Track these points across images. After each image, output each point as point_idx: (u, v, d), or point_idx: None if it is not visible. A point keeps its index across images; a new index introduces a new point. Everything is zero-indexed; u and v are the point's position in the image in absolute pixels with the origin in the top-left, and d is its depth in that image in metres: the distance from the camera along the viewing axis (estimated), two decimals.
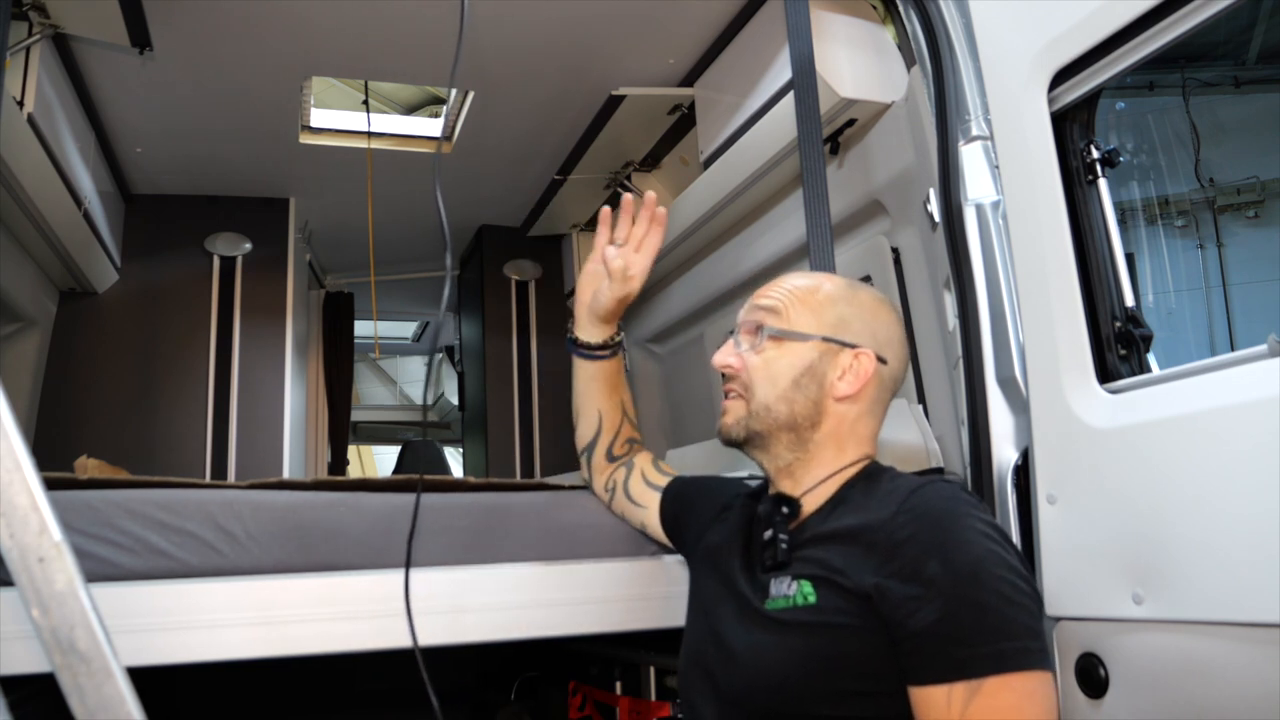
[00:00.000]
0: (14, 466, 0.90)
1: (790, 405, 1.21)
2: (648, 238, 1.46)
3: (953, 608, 0.98)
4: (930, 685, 0.98)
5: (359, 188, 3.33)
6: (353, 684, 2.57)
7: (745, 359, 1.24)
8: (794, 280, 1.29)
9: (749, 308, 1.28)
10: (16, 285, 2.78)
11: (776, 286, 1.28)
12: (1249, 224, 7.80)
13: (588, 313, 1.52)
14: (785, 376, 1.21)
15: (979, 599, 0.98)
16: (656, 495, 1.51)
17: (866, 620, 1.04)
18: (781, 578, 1.14)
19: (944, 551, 1.02)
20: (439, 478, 1.61)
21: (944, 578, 1.00)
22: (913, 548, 1.03)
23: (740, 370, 1.24)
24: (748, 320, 1.26)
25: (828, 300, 1.26)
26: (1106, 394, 1.31)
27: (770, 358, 1.22)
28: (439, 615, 1.42)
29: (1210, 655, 1.12)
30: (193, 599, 1.32)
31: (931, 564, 1.01)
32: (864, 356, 1.24)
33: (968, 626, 0.98)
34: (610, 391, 1.57)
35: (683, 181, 2.95)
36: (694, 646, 1.27)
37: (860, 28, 2.00)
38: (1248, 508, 1.08)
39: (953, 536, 1.03)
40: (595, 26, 2.45)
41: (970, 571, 1.00)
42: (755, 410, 1.22)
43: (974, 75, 1.59)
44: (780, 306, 1.24)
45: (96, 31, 2.29)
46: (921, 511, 1.07)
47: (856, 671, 1.04)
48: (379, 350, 6.27)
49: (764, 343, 1.23)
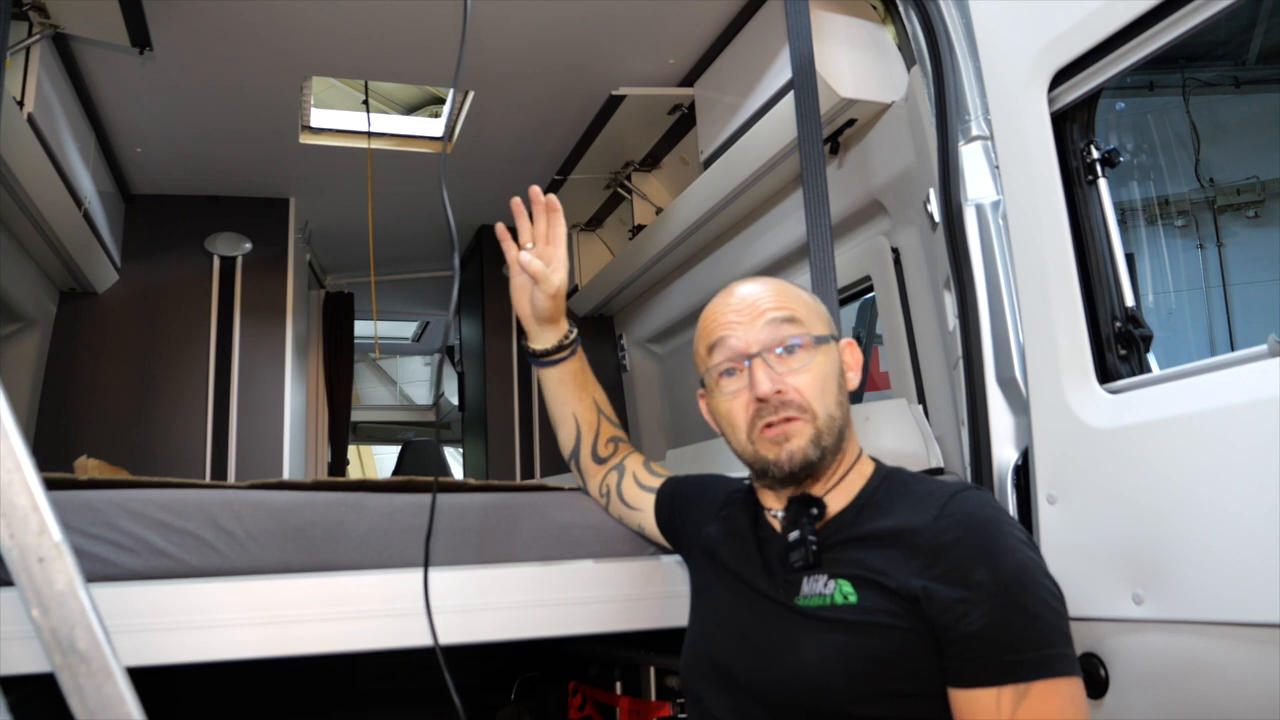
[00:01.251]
0: (14, 466, 0.90)
1: (841, 410, 1.20)
2: (550, 229, 1.47)
3: (1001, 613, 1.00)
4: (979, 688, 0.99)
5: (359, 188, 3.33)
6: (353, 684, 2.57)
7: (788, 380, 1.17)
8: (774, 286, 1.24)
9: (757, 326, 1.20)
10: (16, 285, 2.78)
11: (768, 297, 1.22)
12: (1249, 224, 7.80)
13: (533, 321, 1.52)
14: (831, 383, 1.19)
15: (1026, 605, 1.01)
16: (650, 497, 1.51)
17: (912, 622, 1.05)
18: (816, 576, 1.14)
19: (990, 558, 1.04)
20: (444, 479, 1.61)
21: (992, 583, 1.02)
22: (959, 552, 1.05)
23: (789, 393, 1.16)
24: (768, 339, 1.19)
25: (811, 299, 1.27)
26: (1106, 394, 1.31)
27: (814, 369, 1.18)
28: (441, 615, 1.42)
29: (1210, 655, 1.12)
30: (193, 599, 1.32)
31: (979, 569, 1.03)
32: (851, 345, 1.27)
33: (1017, 632, 1.00)
34: (579, 391, 1.57)
35: (683, 181, 2.95)
36: (703, 641, 1.26)
37: (860, 28, 2.00)
38: (1248, 508, 1.08)
39: (998, 543, 1.05)
40: (595, 26, 2.45)
41: (1017, 578, 1.02)
42: (823, 426, 1.17)
43: (974, 75, 1.59)
44: (796, 314, 1.20)
45: (96, 31, 2.29)
46: (963, 517, 1.08)
47: (899, 672, 1.05)
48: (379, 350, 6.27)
49: (798, 357, 1.18)
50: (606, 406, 1.60)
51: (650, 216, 3.19)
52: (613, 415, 1.61)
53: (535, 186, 1.48)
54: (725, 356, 1.20)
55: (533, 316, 1.52)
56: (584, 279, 3.73)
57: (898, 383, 2.16)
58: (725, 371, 1.21)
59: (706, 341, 1.24)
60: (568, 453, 1.61)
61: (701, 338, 1.26)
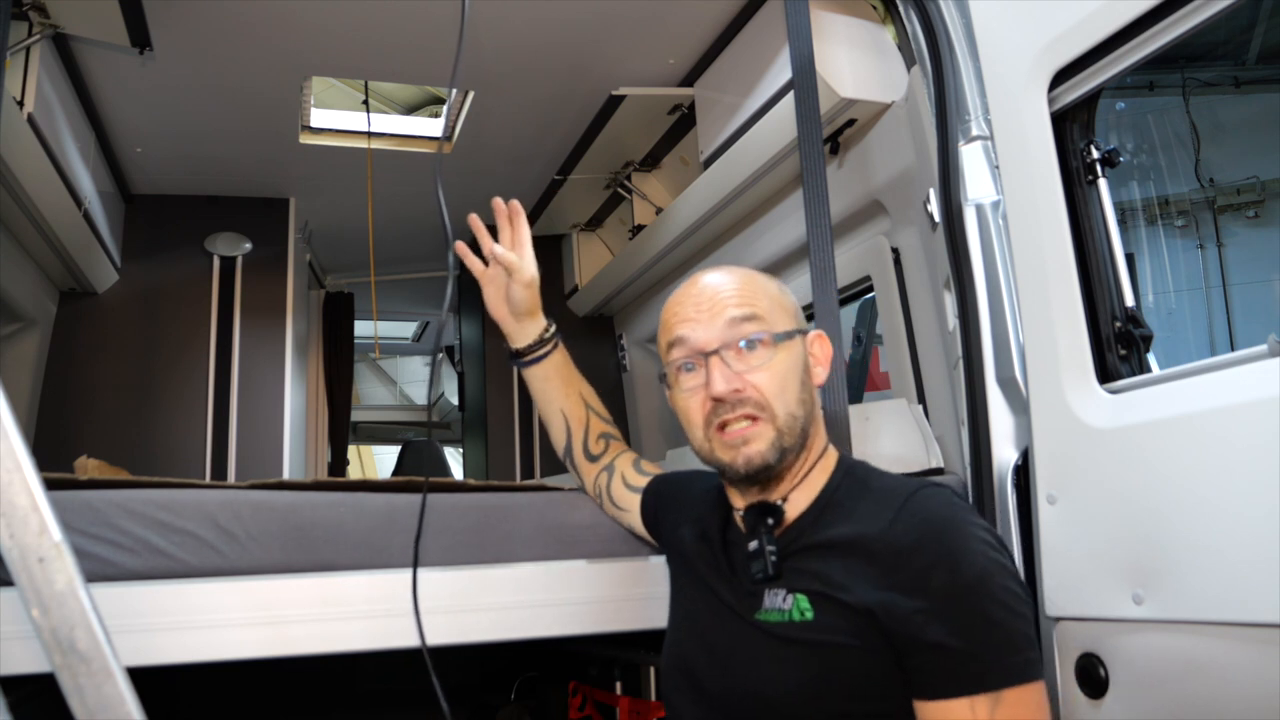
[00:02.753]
0: (14, 466, 0.90)
1: (803, 407, 1.16)
2: (516, 233, 1.47)
3: (964, 621, 0.99)
4: (950, 699, 0.99)
5: (359, 188, 3.33)
6: (353, 684, 2.57)
7: (747, 378, 1.14)
8: (738, 279, 1.21)
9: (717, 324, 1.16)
10: (16, 285, 2.78)
11: (730, 292, 1.18)
12: (1249, 224, 7.81)
13: (511, 319, 1.51)
14: (792, 380, 1.15)
15: (989, 613, 0.99)
16: (637, 498, 1.49)
17: (867, 639, 1.03)
18: (775, 590, 1.13)
19: (950, 561, 1.01)
20: (440, 479, 1.61)
21: (952, 589, 1.00)
22: (918, 558, 1.03)
23: (747, 391, 1.14)
24: (727, 336, 1.15)
25: (778, 291, 1.23)
26: (1106, 394, 1.31)
27: (774, 366, 1.15)
28: (441, 615, 1.42)
29: (1210, 655, 1.12)
30: (193, 599, 1.32)
31: (937, 574, 1.01)
32: (821, 338, 1.24)
33: (981, 641, 0.99)
34: (565, 387, 1.55)
35: (683, 181, 2.95)
36: (677, 649, 1.26)
37: (860, 28, 2.00)
38: (1248, 508, 1.08)
39: (957, 545, 1.03)
40: (595, 26, 2.45)
41: (979, 582, 1.00)
42: (783, 426, 1.13)
43: (974, 75, 1.59)
44: (758, 312, 1.16)
45: (96, 31, 2.29)
46: (921, 519, 1.06)
47: (857, 692, 1.04)
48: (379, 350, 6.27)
49: (758, 354, 1.15)
50: (595, 401, 1.58)
51: (650, 216, 3.19)
52: (602, 410, 1.59)
53: (497, 199, 1.48)
54: (683, 353, 1.18)
55: (511, 314, 1.51)
56: (584, 279, 3.72)
57: (898, 383, 2.16)
58: (684, 366, 1.18)
59: (667, 337, 1.21)
60: (561, 451, 1.60)
61: (663, 332, 1.23)
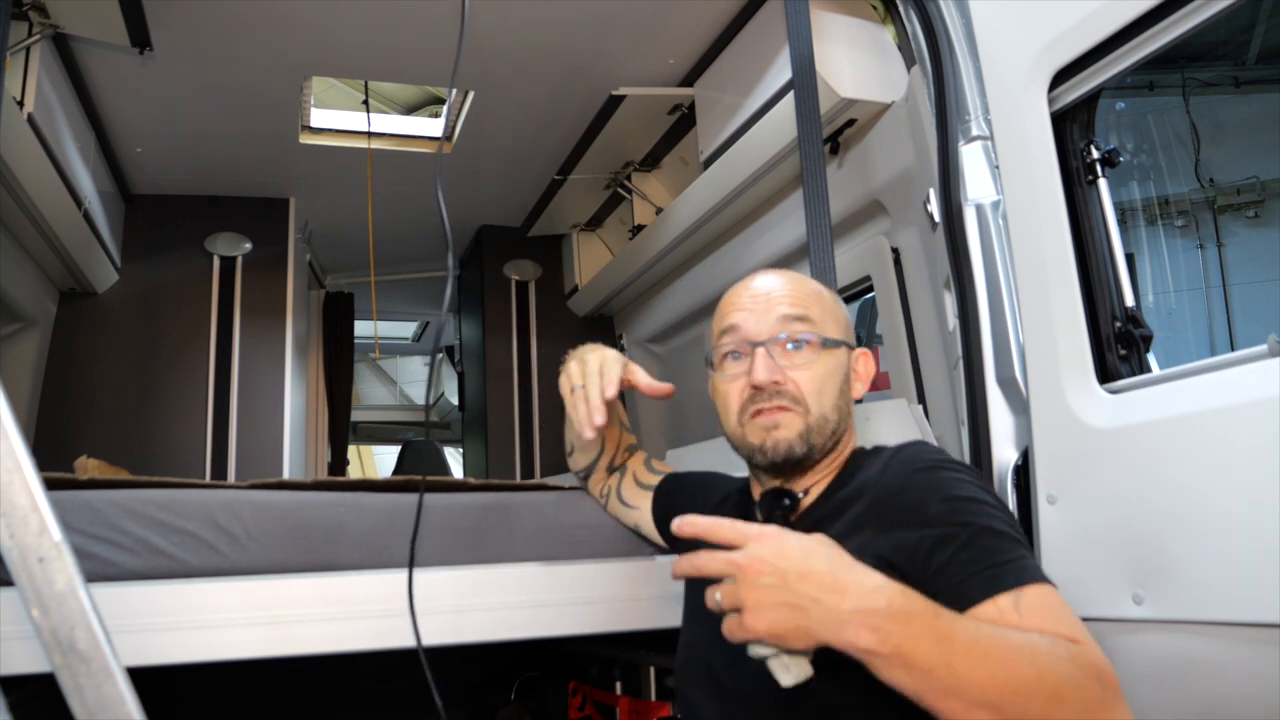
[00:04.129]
0: (14, 466, 0.90)
1: (838, 414, 1.20)
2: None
3: (970, 534, 1.01)
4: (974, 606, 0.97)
5: (359, 188, 3.33)
6: (353, 684, 2.57)
7: (789, 373, 1.18)
8: (795, 284, 1.25)
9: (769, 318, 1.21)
10: (16, 285, 2.78)
11: (787, 292, 1.23)
12: (1249, 224, 7.80)
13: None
14: (832, 385, 1.20)
15: (989, 524, 1.02)
16: (648, 495, 1.51)
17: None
18: None
19: (941, 490, 1.06)
20: (440, 479, 1.61)
21: (950, 513, 1.03)
22: (910, 495, 1.07)
23: (786, 384, 1.18)
24: (778, 331, 1.20)
25: (833, 302, 1.27)
26: (1106, 394, 1.31)
27: (816, 368, 1.19)
28: (441, 615, 1.42)
29: (1210, 655, 1.12)
30: (193, 599, 1.32)
31: (933, 503, 1.04)
32: (866, 357, 1.27)
33: (988, 546, 1.00)
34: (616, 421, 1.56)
35: (683, 181, 2.95)
36: (693, 645, 1.27)
37: (860, 28, 2.00)
38: (1248, 508, 1.08)
39: (944, 478, 1.08)
40: (595, 27, 2.45)
41: (972, 501, 1.04)
42: (814, 424, 1.18)
43: (974, 75, 1.59)
44: (810, 315, 1.21)
45: (96, 31, 2.29)
46: (908, 463, 1.12)
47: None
48: (379, 350, 6.27)
49: (803, 353, 1.19)
50: (624, 415, 1.60)
51: (650, 216, 3.19)
52: (626, 419, 1.60)
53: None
54: (733, 340, 1.22)
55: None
56: (584, 279, 3.73)
57: (898, 383, 2.16)
58: (731, 354, 1.23)
59: (720, 324, 1.26)
60: (581, 469, 1.60)
61: (716, 319, 1.28)
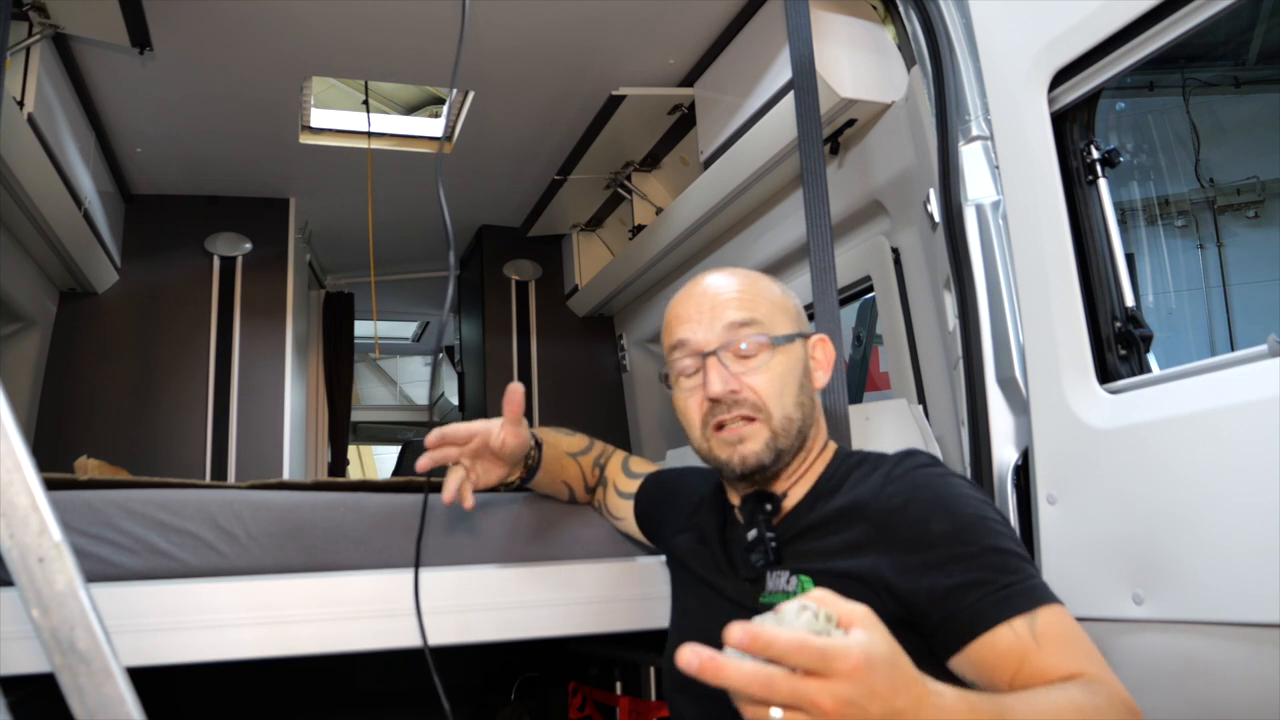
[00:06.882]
0: (14, 466, 0.90)
1: (801, 410, 1.18)
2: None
3: (978, 555, 1.00)
4: (989, 630, 0.96)
5: (359, 188, 3.33)
6: (353, 684, 2.57)
7: (744, 380, 1.16)
8: (739, 283, 1.23)
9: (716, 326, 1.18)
10: (16, 285, 2.78)
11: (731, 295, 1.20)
12: (1249, 224, 7.80)
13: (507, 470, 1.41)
14: (791, 383, 1.18)
15: (997, 543, 1.01)
16: (629, 504, 1.50)
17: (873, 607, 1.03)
18: (778, 573, 1.14)
19: (945, 508, 1.04)
20: (441, 479, 1.60)
21: (956, 531, 1.02)
22: (913, 511, 1.05)
23: (743, 392, 1.16)
24: (726, 339, 1.17)
25: (781, 294, 1.25)
26: (1106, 394, 1.31)
27: (773, 369, 1.17)
28: (443, 615, 1.42)
29: (1210, 655, 1.12)
30: (193, 599, 1.32)
31: (936, 522, 1.03)
32: (824, 342, 1.26)
33: (999, 566, 0.99)
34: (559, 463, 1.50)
35: (683, 181, 2.95)
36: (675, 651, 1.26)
37: (860, 28, 2.00)
38: (1248, 508, 1.08)
39: (947, 494, 1.06)
40: (595, 27, 2.45)
41: (978, 520, 1.03)
42: (779, 428, 1.16)
43: (974, 75, 1.59)
44: (757, 316, 1.19)
45: (96, 31, 2.29)
46: (910, 479, 1.10)
47: None
48: (379, 350, 6.27)
49: (757, 357, 1.17)
50: (575, 444, 1.55)
51: (650, 216, 3.19)
52: (582, 444, 1.56)
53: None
54: (684, 354, 1.20)
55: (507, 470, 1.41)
56: (584, 279, 3.73)
57: (898, 383, 2.16)
58: (684, 368, 1.21)
59: (669, 340, 1.24)
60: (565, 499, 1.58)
61: (665, 334, 1.26)
